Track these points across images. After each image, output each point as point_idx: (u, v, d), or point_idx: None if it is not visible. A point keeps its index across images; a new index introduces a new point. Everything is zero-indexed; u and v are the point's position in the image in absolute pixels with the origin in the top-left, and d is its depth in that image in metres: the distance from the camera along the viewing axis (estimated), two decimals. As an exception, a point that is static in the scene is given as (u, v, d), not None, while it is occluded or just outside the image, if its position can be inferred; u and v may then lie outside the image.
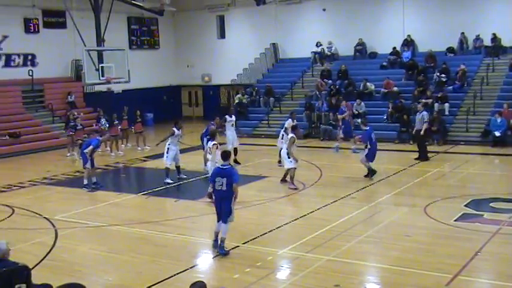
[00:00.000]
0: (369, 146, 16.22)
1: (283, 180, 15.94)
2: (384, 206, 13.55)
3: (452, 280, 8.81)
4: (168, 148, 16.79)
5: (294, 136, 15.79)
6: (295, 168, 15.55)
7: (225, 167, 10.41)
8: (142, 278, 9.43)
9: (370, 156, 16.29)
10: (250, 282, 9.06)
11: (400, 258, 9.91)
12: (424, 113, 19.63)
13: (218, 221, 10.48)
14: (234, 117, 19.85)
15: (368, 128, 16.69)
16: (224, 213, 10.33)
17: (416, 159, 18.94)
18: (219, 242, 10.37)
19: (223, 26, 34.37)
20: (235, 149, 19.14)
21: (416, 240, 10.89)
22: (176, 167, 17.09)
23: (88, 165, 16.16)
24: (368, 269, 9.79)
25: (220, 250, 10.31)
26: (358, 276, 9.38)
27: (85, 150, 16.08)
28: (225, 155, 10.71)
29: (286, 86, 29.14)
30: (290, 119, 17.97)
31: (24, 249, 10.99)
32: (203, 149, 17.88)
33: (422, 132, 19.17)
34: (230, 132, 19.18)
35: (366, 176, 16.32)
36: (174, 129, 16.81)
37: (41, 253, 10.74)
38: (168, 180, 16.58)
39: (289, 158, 15.43)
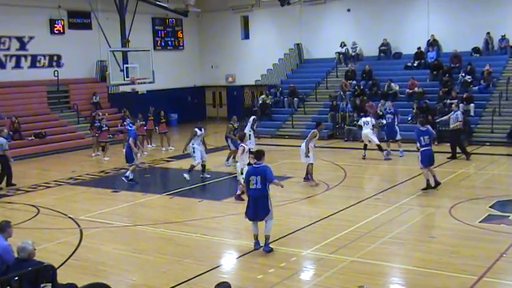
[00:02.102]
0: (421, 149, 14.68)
1: (306, 178, 15.92)
2: (408, 207, 13.42)
3: (477, 282, 8.69)
4: (193, 148, 17.24)
5: (316, 130, 15.74)
6: (312, 163, 15.56)
7: (258, 166, 10.44)
8: (166, 278, 9.47)
9: (424, 161, 14.54)
10: (274, 282, 9.04)
11: (425, 259, 9.81)
12: (459, 112, 19.48)
13: (254, 221, 10.44)
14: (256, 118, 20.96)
15: (425, 128, 14.88)
16: (262, 211, 10.27)
17: (449, 158, 18.87)
18: (259, 241, 10.39)
19: (247, 27, 34.42)
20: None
21: (441, 242, 10.77)
22: (202, 165, 17.39)
23: (136, 161, 17.40)
24: (392, 270, 9.72)
25: (265, 247, 10.33)
26: (382, 277, 9.31)
27: (130, 142, 17.23)
28: (259, 155, 10.71)
29: (310, 86, 29.06)
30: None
31: (50, 248, 11.13)
32: (229, 148, 19.21)
33: (451, 127, 19.10)
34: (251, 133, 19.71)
35: (423, 189, 14.55)
36: (196, 129, 17.32)
37: (66, 253, 10.86)
38: (186, 176, 16.85)
39: (306, 153, 15.47)
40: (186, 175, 16.93)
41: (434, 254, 10.08)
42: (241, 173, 13.40)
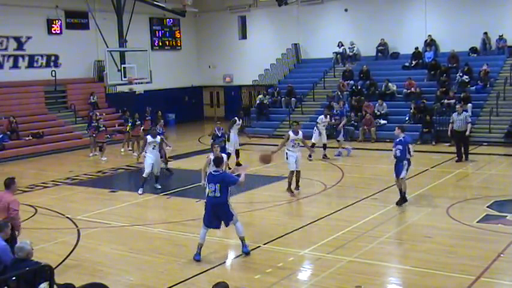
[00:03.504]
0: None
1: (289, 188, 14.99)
2: (405, 207, 13.42)
3: (475, 282, 8.71)
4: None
5: (289, 132, 14.96)
6: (292, 171, 14.68)
7: (217, 173, 10.11)
8: (163, 277, 9.47)
9: (398, 170, 13.25)
10: (272, 282, 9.05)
11: (422, 259, 9.82)
12: (466, 113, 19.23)
13: (207, 229, 10.16)
14: (241, 121, 20.05)
15: (404, 136, 13.40)
16: (225, 218, 10.09)
17: (458, 161, 18.57)
18: (201, 251, 10.13)
19: (244, 27, 34.43)
20: (237, 152, 19.22)
21: (439, 242, 10.78)
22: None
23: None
24: (390, 270, 9.73)
25: (244, 248, 10.25)
26: (379, 277, 9.32)
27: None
28: (218, 161, 10.37)
29: (307, 86, 29.06)
30: (323, 115, 19.82)
31: (47, 248, 11.12)
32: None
33: (468, 133, 18.78)
34: (233, 136, 18.94)
35: (397, 202, 13.39)
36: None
37: (64, 253, 10.85)
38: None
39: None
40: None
41: (431, 254, 10.09)
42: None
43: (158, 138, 16.02)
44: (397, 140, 13.25)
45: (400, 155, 13.10)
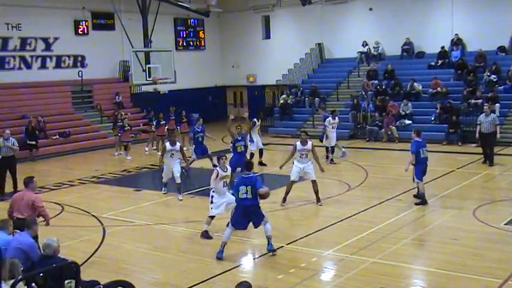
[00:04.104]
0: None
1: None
2: (431, 208, 13.29)
3: (501, 285, 8.58)
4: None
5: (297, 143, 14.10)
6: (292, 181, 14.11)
7: (248, 176, 10.30)
8: (186, 276, 9.53)
9: (419, 173, 13.57)
10: (295, 283, 9.04)
11: (448, 261, 9.71)
12: (494, 115, 18.60)
13: (233, 229, 10.33)
14: (259, 122, 20.33)
15: (420, 139, 13.70)
16: (256, 219, 10.25)
17: (484, 163, 18.15)
18: (224, 249, 10.27)
19: (268, 27, 34.41)
20: (261, 151, 19.46)
21: (465, 244, 10.64)
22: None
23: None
24: (414, 272, 9.64)
25: (269, 247, 10.31)
26: (403, 279, 9.24)
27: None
28: (249, 166, 10.65)
29: (331, 86, 28.94)
30: (330, 117, 19.01)
31: (73, 246, 11.27)
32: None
33: (498, 136, 18.31)
34: (255, 137, 19.17)
35: (416, 203, 13.56)
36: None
37: (89, 250, 10.99)
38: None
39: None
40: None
41: (457, 256, 9.97)
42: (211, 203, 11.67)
43: (177, 145, 15.35)
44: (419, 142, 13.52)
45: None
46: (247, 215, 10.22)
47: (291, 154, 14.10)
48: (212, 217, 11.56)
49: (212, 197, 11.55)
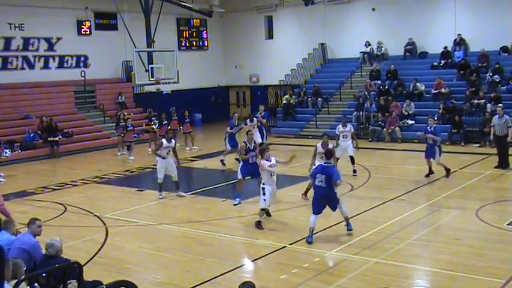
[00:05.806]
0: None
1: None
2: (434, 208, 13.29)
3: (504, 286, 8.56)
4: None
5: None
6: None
7: (327, 165, 11.08)
8: (189, 276, 9.53)
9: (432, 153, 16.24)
10: (297, 283, 9.03)
11: (451, 262, 9.70)
12: (507, 117, 17.78)
13: (315, 215, 10.97)
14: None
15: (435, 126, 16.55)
16: (332, 204, 11.10)
17: (496, 167, 17.51)
18: (312, 233, 10.96)
19: (271, 27, 34.42)
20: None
21: (468, 244, 10.63)
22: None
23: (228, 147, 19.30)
24: (417, 273, 9.62)
25: (348, 227, 11.28)
26: (406, 279, 9.23)
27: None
28: (330, 153, 11.59)
29: (334, 86, 28.92)
30: (340, 124, 17.51)
31: (76, 246, 11.27)
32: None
33: (509, 139, 17.63)
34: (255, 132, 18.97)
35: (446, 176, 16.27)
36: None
37: (92, 250, 11.00)
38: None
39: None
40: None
41: (460, 256, 9.96)
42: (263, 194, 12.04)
43: (173, 142, 15.23)
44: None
45: (433, 142, 16.01)
46: (322, 200, 11.03)
47: (313, 157, 14.60)
48: (263, 209, 12.20)
49: (263, 189, 12.11)
